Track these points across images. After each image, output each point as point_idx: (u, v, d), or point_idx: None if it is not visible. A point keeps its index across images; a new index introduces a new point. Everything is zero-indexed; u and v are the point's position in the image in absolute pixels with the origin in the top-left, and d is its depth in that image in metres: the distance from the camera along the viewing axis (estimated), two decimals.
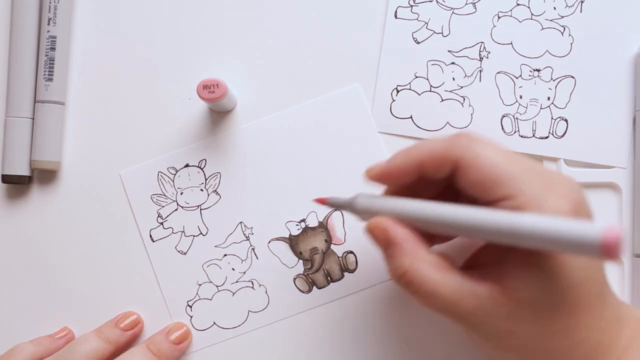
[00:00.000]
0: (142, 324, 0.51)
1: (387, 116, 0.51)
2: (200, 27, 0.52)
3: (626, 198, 0.50)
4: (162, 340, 0.49)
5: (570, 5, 0.50)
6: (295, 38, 0.52)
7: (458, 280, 0.37)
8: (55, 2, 0.50)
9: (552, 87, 0.50)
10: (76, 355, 0.45)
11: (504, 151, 0.37)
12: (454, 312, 0.37)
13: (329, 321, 0.51)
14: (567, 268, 0.35)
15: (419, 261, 0.38)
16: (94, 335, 0.48)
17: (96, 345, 0.47)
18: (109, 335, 0.48)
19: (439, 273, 0.37)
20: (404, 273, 0.38)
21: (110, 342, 0.48)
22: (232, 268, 0.51)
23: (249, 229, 0.51)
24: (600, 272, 0.38)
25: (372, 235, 0.40)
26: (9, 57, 0.51)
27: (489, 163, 0.36)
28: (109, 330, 0.49)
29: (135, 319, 0.50)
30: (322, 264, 0.51)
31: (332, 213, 0.51)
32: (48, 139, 0.51)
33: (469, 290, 0.36)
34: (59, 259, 0.52)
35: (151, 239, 0.52)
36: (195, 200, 0.52)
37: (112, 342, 0.48)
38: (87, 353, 0.46)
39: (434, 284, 0.37)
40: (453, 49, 0.51)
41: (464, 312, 0.36)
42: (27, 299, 0.52)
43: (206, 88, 0.47)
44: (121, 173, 0.52)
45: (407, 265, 0.38)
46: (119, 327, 0.49)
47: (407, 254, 0.38)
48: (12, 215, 0.52)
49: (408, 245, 0.38)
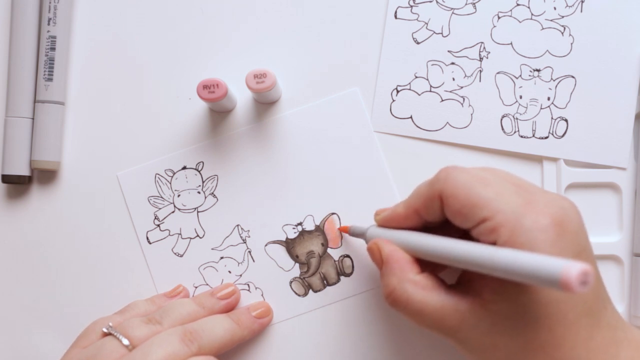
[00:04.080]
0: (239, 295, 0.51)
1: (387, 116, 0.51)
2: (200, 27, 0.52)
3: (626, 198, 0.50)
4: (243, 312, 0.49)
5: (571, 5, 0.50)
6: (295, 38, 0.52)
7: (442, 297, 0.38)
8: (55, 2, 0.51)
9: (552, 87, 0.50)
10: (172, 315, 0.46)
11: (481, 175, 0.38)
12: (441, 328, 0.38)
13: (325, 325, 0.50)
14: None
15: (405, 281, 0.40)
16: (191, 300, 0.48)
17: (191, 308, 0.47)
18: (204, 302, 0.48)
19: (423, 292, 0.39)
20: (391, 291, 0.40)
21: (205, 308, 0.48)
22: (228, 271, 0.51)
23: (246, 232, 0.51)
24: (591, 292, 0.37)
25: (370, 254, 0.44)
26: (9, 57, 0.52)
27: (464, 191, 0.38)
28: (205, 298, 0.49)
29: (232, 290, 0.50)
30: (319, 267, 0.51)
31: (329, 217, 0.51)
32: (48, 139, 0.51)
33: (452, 306, 0.38)
34: (58, 258, 0.52)
35: (148, 241, 0.51)
36: (192, 203, 0.51)
37: (206, 308, 0.48)
38: (182, 315, 0.46)
39: (419, 301, 0.39)
40: (453, 49, 0.50)
41: (449, 327, 0.38)
42: (26, 299, 0.52)
43: (206, 88, 0.47)
44: (118, 175, 0.52)
45: (395, 284, 0.40)
46: (215, 296, 0.49)
47: (395, 274, 0.40)
48: (12, 215, 0.52)
49: (398, 266, 0.41)
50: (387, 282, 0.40)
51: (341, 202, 0.51)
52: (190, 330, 0.44)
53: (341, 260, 0.51)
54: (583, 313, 0.36)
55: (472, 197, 0.37)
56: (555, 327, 0.36)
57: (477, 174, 0.38)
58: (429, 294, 0.39)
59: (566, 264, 0.29)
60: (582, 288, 0.29)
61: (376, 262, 0.43)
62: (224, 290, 0.50)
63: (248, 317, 0.49)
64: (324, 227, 0.51)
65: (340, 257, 0.51)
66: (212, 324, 0.46)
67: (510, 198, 0.36)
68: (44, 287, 0.52)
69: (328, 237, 0.51)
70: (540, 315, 0.36)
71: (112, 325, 0.45)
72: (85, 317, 0.51)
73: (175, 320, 0.46)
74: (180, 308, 0.47)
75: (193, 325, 0.45)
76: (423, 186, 0.41)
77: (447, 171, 0.39)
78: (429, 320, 0.38)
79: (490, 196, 0.36)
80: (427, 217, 0.41)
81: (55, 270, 0.52)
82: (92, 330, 0.46)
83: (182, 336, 0.43)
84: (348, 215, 0.50)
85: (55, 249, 0.52)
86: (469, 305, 0.37)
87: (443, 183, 0.39)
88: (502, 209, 0.36)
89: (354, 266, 0.50)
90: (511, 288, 0.36)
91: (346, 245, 0.51)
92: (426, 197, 0.40)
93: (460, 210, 0.37)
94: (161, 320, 0.45)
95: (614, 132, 0.49)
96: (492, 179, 0.38)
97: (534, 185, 0.39)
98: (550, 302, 0.35)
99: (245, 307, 0.50)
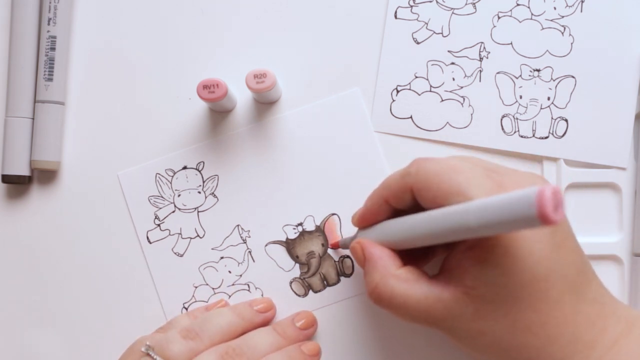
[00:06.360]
0: (275, 311, 0.50)
1: (387, 116, 0.51)
2: (200, 27, 0.52)
3: (626, 198, 0.50)
4: (288, 324, 0.49)
5: (571, 5, 0.50)
6: (295, 38, 0.52)
7: (424, 289, 0.39)
8: (55, 2, 0.51)
9: (552, 87, 0.50)
10: (211, 328, 0.46)
11: (452, 165, 0.38)
12: (427, 320, 0.39)
13: (325, 325, 0.50)
14: (522, 262, 0.36)
15: (388, 276, 0.40)
16: (230, 311, 0.48)
17: (230, 319, 0.47)
18: (244, 313, 0.48)
19: (405, 285, 0.39)
20: (374, 287, 0.40)
21: (245, 319, 0.48)
22: (228, 271, 0.51)
23: (246, 232, 0.51)
24: (571, 267, 0.37)
25: (353, 253, 0.44)
26: (9, 57, 0.51)
27: (437, 180, 0.38)
28: (244, 309, 0.49)
29: (269, 304, 0.50)
30: (319, 268, 0.51)
31: (329, 217, 0.51)
32: (48, 139, 0.51)
33: (435, 296, 0.38)
34: (58, 258, 0.52)
35: (148, 241, 0.51)
36: (193, 203, 0.51)
37: (246, 319, 0.48)
38: (221, 327, 0.46)
39: (401, 295, 0.39)
40: (453, 49, 0.50)
41: (434, 318, 0.38)
42: (26, 299, 0.52)
43: (206, 88, 0.47)
44: (119, 174, 0.52)
45: (377, 279, 0.40)
46: (253, 307, 0.49)
47: (377, 269, 0.41)
48: (12, 215, 0.52)
49: (380, 262, 0.41)
50: (370, 279, 0.41)
51: (341, 203, 0.51)
52: (233, 347, 0.45)
53: (341, 260, 0.51)
54: (566, 289, 0.36)
55: (444, 185, 0.37)
56: (538, 306, 0.36)
57: (448, 163, 0.39)
58: (412, 287, 0.39)
59: (538, 188, 0.29)
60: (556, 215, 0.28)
61: (359, 261, 0.43)
62: (261, 304, 0.49)
63: (293, 330, 0.49)
64: (324, 227, 0.51)
65: (340, 257, 0.51)
66: (256, 339, 0.46)
67: (481, 182, 0.37)
68: (44, 287, 0.52)
69: (328, 238, 0.51)
70: (522, 296, 0.36)
71: (150, 345, 0.45)
72: (86, 317, 0.51)
73: (214, 333, 0.46)
74: (219, 318, 0.47)
75: (236, 342, 0.46)
76: (393, 178, 0.42)
77: (418, 163, 0.40)
78: (414, 313, 0.39)
79: (462, 183, 0.37)
80: (398, 206, 0.42)
81: (55, 270, 0.52)
82: (132, 351, 0.46)
83: (222, 356, 0.44)
84: (348, 216, 0.50)
85: (55, 249, 0.52)
86: (451, 294, 0.37)
87: (415, 176, 0.39)
88: (475, 193, 0.36)
89: (354, 267, 0.50)
90: (490, 271, 0.36)
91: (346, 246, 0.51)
92: (397, 189, 0.41)
93: (434, 200, 0.38)
94: (200, 332, 0.46)
95: (614, 132, 0.49)
96: (462, 165, 0.38)
97: (504, 167, 0.40)
98: (531, 282, 0.36)
99: (290, 318, 0.49)
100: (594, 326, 0.37)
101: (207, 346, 0.45)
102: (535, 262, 0.36)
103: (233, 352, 0.44)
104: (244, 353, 0.45)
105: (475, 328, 0.37)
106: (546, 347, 0.36)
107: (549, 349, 0.36)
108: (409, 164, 0.41)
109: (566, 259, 0.37)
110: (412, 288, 0.39)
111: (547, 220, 0.29)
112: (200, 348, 0.45)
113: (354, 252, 0.43)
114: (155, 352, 0.44)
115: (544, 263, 0.36)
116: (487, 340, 0.37)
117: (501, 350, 0.37)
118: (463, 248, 0.38)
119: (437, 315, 0.38)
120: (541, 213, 0.29)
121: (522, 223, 0.30)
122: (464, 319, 0.37)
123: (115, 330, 0.51)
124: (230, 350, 0.44)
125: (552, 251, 0.36)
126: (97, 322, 0.51)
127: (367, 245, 0.42)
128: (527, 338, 0.36)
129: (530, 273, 0.36)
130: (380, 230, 0.43)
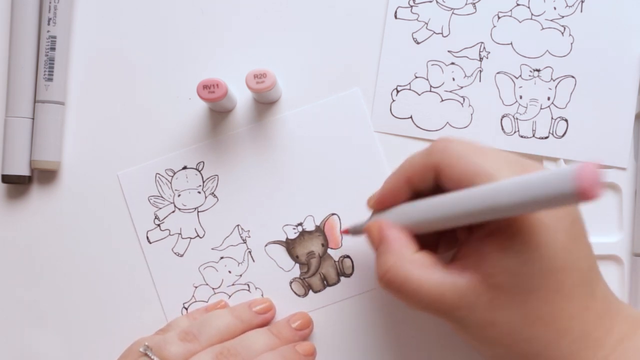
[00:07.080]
0: (274, 311, 0.50)
1: (387, 116, 0.51)
2: (200, 27, 0.53)
3: (626, 198, 0.50)
4: (284, 325, 0.49)
5: (571, 5, 0.50)
6: (295, 38, 0.52)
7: (440, 274, 0.38)
8: (55, 2, 0.51)
9: (552, 87, 0.50)
10: (209, 330, 0.46)
11: (478, 147, 0.38)
12: (439, 308, 0.37)
13: (325, 325, 0.50)
14: (544, 252, 0.35)
15: (403, 260, 0.39)
16: (228, 312, 0.48)
17: (228, 321, 0.47)
18: (242, 315, 0.48)
19: (421, 269, 0.38)
20: (386, 271, 0.39)
21: (243, 321, 0.48)
22: (228, 271, 0.51)
23: (246, 232, 0.51)
24: (585, 261, 0.37)
25: (368, 233, 0.42)
26: (9, 57, 0.51)
27: (463, 161, 0.38)
28: (243, 310, 0.49)
29: (268, 305, 0.50)
30: (319, 268, 0.51)
31: (329, 217, 0.51)
32: (48, 139, 0.51)
33: (450, 283, 0.37)
34: (58, 258, 0.52)
35: (148, 241, 0.51)
36: (193, 203, 0.51)
37: (244, 321, 0.48)
38: (219, 328, 0.47)
39: (416, 280, 0.38)
40: (453, 49, 0.50)
41: (447, 306, 0.37)
42: (26, 299, 0.52)
43: (206, 88, 0.47)
44: (119, 174, 0.52)
45: (391, 262, 0.39)
46: (252, 309, 0.49)
47: (393, 252, 0.39)
48: (12, 215, 0.52)
49: (396, 245, 0.40)
50: (384, 260, 0.40)
51: (341, 203, 0.51)
52: (228, 348, 0.44)
53: (341, 260, 0.50)
54: (578, 282, 0.36)
55: (472, 167, 0.37)
56: (552, 297, 0.36)
57: (474, 145, 0.39)
58: (427, 272, 0.38)
59: (578, 165, 0.29)
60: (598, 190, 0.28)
61: (373, 241, 0.42)
62: (261, 304, 0.49)
63: (289, 331, 0.48)
64: (324, 227, 0.51)
65: (340, 257, 0.51)
66: (251, 339, 0.46)
67: (507, 167, 0.37)
68: (44, 287, 0.52)
69: (328, 238, 0.51)
70: (539, 287, 0.35)
71: (148, 345, 0.45)
72: (85, 317, 0.51)
73: (212, 335, 0.46)
74: (218, 321, 0.47)
75: (232, 342, 0.46)
76: (417, 157, 0.41)
77: (444, 143, 0.39)
78: (426, 299, 0.38)
79: (488, 166, 0.37)
80: (419, 186, 0.41)
81: (55, 270, 0.52)
82: (131, 351, 0.46)
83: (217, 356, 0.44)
84: (348, 216, 0.50)
85: (55, 249, 0.52)
86: (467, 281, 0.37)
87: (440, 154, 0.39)
88: (503, 175, 0.36)
89: (354, 267, 0.50)
90: (511, 258, 0.36)
91: (346, 245, 0.51)
92: (421, 167, 0.40)
93: (459, 180, 0.37)
94: (198, 334, 0.46)
95: (614, 132, 0.49)
96: (488, 149, 0.38)
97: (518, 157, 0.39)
98: (549, 272, 0.35)
99: (286, 319, 0.49)
100: (602, 323, 0.37)
101: (204, 348, 0.45)
102: (555, 252, 0.35)
103: (228, 352, 0.44)
104: (239, 353, 0.45)
105: (488, 318, 0.36)
106: (555, 340, 0.36)
107: (558, 342, 0.36)
108: (433, 143, 0.40)
109: (582, 252, 0.37)
110: (426, 274, 0.38)
111: (588, 195, 0.28)
112: (197, 350, 0.45)
113: (370, 232, 0.42)
114: (153, 352, 0.44)
115: (562, 254, 0.36)
116: (497, 331, 0.37)
117: (510, 343, 0.37)
118: (482, 235, 0.37)
119: (450, 303, 0.37)
120: (582, 187, 0.28)
121: (559, 199, 0.30)
122: (478, 308, 0.36)
123: (115, 330, 0.51)
124: (225, 350, 0.44)
125: (570, 242, 0.36)
126: (97, 322, 0.51)
127: (386, 226, 0.41)
128: (537, 330, 0.36)
129: (549, 263, 0.35)
130: (400, 211, 0.41)
